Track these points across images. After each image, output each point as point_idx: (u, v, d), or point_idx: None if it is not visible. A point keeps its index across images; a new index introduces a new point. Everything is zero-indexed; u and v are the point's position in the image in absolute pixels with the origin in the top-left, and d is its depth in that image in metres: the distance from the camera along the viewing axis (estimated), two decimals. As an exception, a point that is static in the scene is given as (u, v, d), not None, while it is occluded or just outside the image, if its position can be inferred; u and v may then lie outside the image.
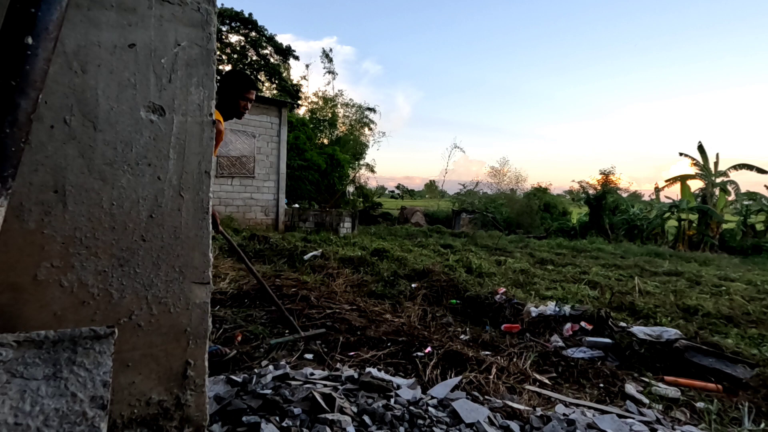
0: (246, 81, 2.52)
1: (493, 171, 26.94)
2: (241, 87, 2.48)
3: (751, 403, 2.40)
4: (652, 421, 2.12)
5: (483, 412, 1.91)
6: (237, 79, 2.52)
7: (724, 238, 16.15)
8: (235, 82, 2.50)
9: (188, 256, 1.17)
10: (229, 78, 2.54)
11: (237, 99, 2.47)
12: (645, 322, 3.85)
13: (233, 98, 2.47)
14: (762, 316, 4.47)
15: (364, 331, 3.13)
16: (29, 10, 0.77)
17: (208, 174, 1.19)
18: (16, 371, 0.75)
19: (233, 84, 2.48)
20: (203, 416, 1.22)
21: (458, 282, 4.77)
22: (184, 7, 1.13)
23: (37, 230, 0.98)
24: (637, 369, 2.89)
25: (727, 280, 7.02)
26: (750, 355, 3.01)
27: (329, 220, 11.14)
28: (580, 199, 21.32)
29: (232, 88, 2.46)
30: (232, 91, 2.46)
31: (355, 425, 1.72)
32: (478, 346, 3.14)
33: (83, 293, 1.04)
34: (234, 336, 2.87)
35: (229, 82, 2.50)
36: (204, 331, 1.21)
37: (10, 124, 0.75)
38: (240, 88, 2.47)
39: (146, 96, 1.09)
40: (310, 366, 2.44)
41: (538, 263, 7.93)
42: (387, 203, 30.24)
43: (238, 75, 2.58)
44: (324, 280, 4.88)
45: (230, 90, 2.46)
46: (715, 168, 17.21)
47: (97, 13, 1.02)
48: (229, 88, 2.46)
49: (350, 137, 19.63)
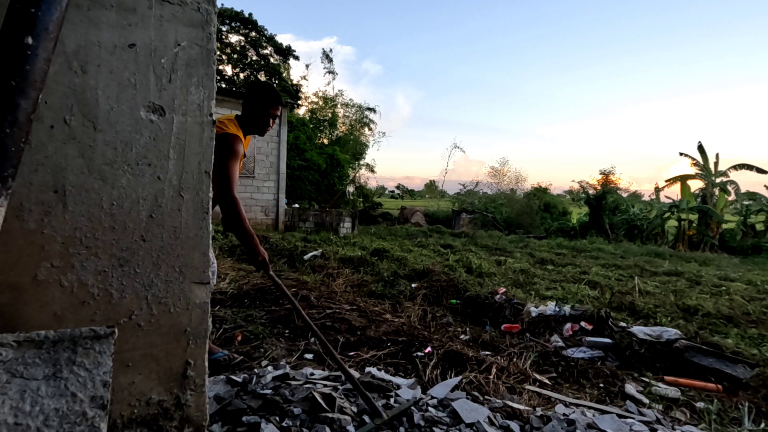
0: (272, 95, 2.27)
1: (493, 171, 26.98)
2: (267, 102, 2.24)
3: (751, 403, 2.40)
4: (652, 421, 2.12)
5: (483, 412, 1.91)
6: (262, 93, 2.28)
7: (724, 238, 16.16)
8: (260, 95, 2.27)
9: (188, 256, 1.17)
10: (254, 90, 2.32)
11: (260, 114, 2.25)
12: (645, 322, 3.85)
13: (256, 112, 2.25)
14: (762, 316, 4.47)
15: (364, 331, 3.13)
16: (29, 10, 0.77)
17: (208, 174, 1.19)
18: (16, 371, 0.74)
19: (257, 97, 2.26)
20: (203, 416, 1.22)
21: (458, 282, 4.77)
22: (184, 7, 1.13)
23: (37, 230, 0.98)
24: (637, 369, 2.89)
25: (727, 280, 7.02)
26: (750, 355, 3.01)
27: (329, 220, 11.14)
28: (580, 199, 21.33)
29: (256, 102, 2.24)
30: (256, 105, 2.25)
31: (355, 425, 1.72)
32: (478, 346, 3.14)
33: (83, 293, 1.04)
34: (234, 336, 2.87)
35: (254, 94, 2.28)
36: (204, 331, 1.21)
37: (10, 124, 0.75)
38: (265, 102, 2.24)
39: (146, 96, 1.09)
40: (310, 366, 2.44)
41: (538, 263, 7.93)
42: (387, 203, 30.24)
43: (263, 88, 2.33)
44: (324, 280, 4.88)
45: (254, 103, 2.25)
46: (715, 168, 17.21)
47: (97, 13, 1.02)
48: (253, 101, 2.25)
49: (350, 137, 19.64)
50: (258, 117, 2.26)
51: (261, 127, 2.30)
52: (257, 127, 2.29)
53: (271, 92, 2.28)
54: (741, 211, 16.97)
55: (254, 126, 2.29)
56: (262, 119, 2.26)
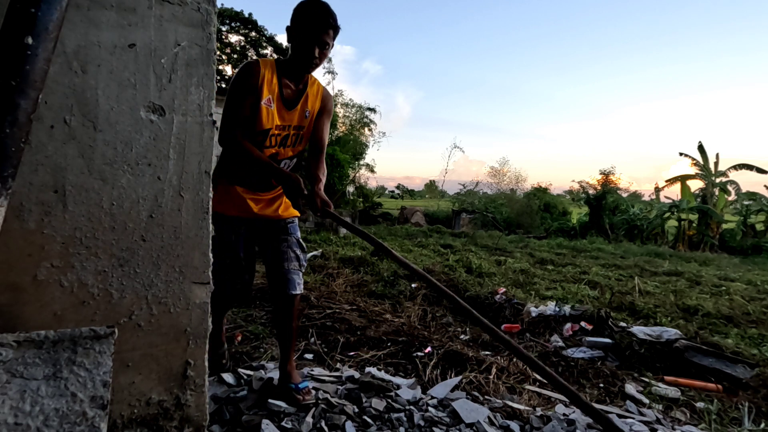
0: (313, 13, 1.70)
1: (493, 171, 27.00)
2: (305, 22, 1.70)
3: (751, 403, 2.40)
4: (652, 421, 2.12)
5: (483, 412, 1.91)
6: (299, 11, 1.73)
7: (724, 238, 16.16)
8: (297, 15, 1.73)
9: (188, 256, 1.17)
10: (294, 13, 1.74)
11: (300, 42, 1.72)
12: (645, 322, 3.85)
13: (296, 41, 1.73)
14: (762, 316, 4.47)
15: (364, 331, 3.13)
16: (29, 10, 0.77)
17: (208, 174, 1.19)
18: (16, 371, 0.75)
19: (294, 18, 1.73)
20: (203, 416, 1.22)
21: (458, 282, 4.77)
22: (184, 7, 1.13)
23: (37, 230, 0.98)
24: (637, 369, 2.89)
25: (727, 280, 7.02)
26: (750, 355, 3.00)
27: (329, 220, 11.14)
28: (580, 199, 21.34)
29: (293, 26, 1.73)
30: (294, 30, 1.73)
31: (356, 425, 1.72)
32: (478, 346, 3.14)
33: (83, 293, 1.04)
34: (234, 336, 2.86)
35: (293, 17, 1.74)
36: (204, 331, 1.21)
37: (10, 124, 0.75)
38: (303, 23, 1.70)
39: (146, 96, 1.09)
40: (310, 366, 2.44)
41: (538, 263, 7.92)
42: (387, 203, 30.23)
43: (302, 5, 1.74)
44: (324, 280, 4.88)
45: (291, 28, 1.73)
46: (715, 168, 17.22)
47: (97, 13, 1.02)
48: (291, 27, 1.74)
49: (350, 137, 19.62)
50: (298, 46, 1.73)
51: (303, 60, 1.75)
52: (299, 60, 1.75)
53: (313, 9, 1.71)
54: (741, 211, 16.97)
55: (296, 61, 1.76)
56: (304, 48, 1.72)
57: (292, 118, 1.86)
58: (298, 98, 1.86)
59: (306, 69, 1.80)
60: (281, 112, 1.82)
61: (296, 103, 1.85)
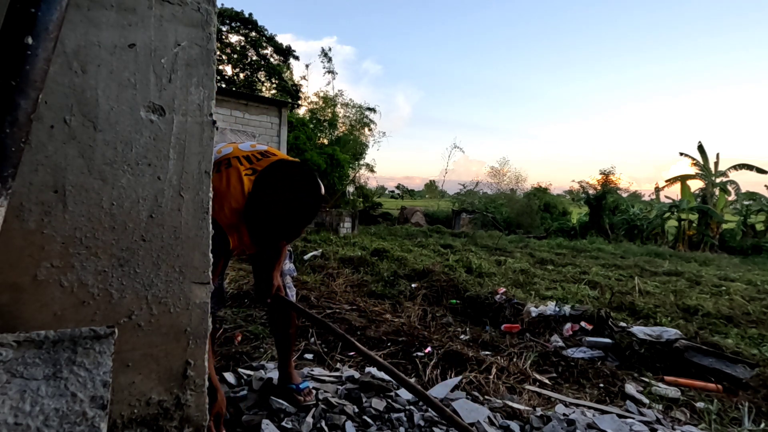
0: (308, 211, 1.41)
1: (493, 171, 26.97)
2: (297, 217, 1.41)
3: (751, 403, 2.40)
4: (652, 421, 2.12)
5: (483, 412, 1.91)
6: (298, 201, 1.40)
7: (724, 238, 16.16)
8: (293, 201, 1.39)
9: (188, 256, 1.17)
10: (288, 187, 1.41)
11: (278, 229, 1.41)
12: (645, 322, 3.85)
13: (274, 222, 1.39)
14: (762, 316, 4.47)
15: (364, 331, 3.13)
16: (29, 10, 0.76)
17: (208, 174, 1.19)
18: (16, 371, 0.75)
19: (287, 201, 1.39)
20: (203, 416, 1.22)
21: (458, 282, 4.77)
22: (184, 7, 1.13)
23: (37, 230, 0.98)
24: (637, 369, 2.89)
25: (727, 280, 7.02)
26: (750, 355, 3.01)
27: (329, 220, 11.14)
28: (580, 199, 21.34)
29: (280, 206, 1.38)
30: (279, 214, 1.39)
31: (356, 425, 1.72)
32: (478, 346, 3.14)
33: (83, 293, 1.04)
34: (234, 336, 2.86)
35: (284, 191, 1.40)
36: (204, 331, 1.21)
37: (10, 124, 0.75)
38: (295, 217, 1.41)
39: (146, 96, 1.09)
40: (310, 366, 2.44)
41: (538, 263, 7.93)
42: (387, 203, 30.23)
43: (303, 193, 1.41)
44: (324, 280, 4.88)
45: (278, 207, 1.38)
46: (715, 168, 17.21)
47: (97, 13, 1.02)
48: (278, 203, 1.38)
49: (350, 137, 19.61)
50: (275, 230, 1.42)
51: (269, 241, 1.48)
52: (265, 237, 1.44)
53: (312, 204, 1.41)
54: (741, 211, 16.97)
55: (263, 233, 1.43)
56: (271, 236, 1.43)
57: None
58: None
59: (264, 247, 1.66)
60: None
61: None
